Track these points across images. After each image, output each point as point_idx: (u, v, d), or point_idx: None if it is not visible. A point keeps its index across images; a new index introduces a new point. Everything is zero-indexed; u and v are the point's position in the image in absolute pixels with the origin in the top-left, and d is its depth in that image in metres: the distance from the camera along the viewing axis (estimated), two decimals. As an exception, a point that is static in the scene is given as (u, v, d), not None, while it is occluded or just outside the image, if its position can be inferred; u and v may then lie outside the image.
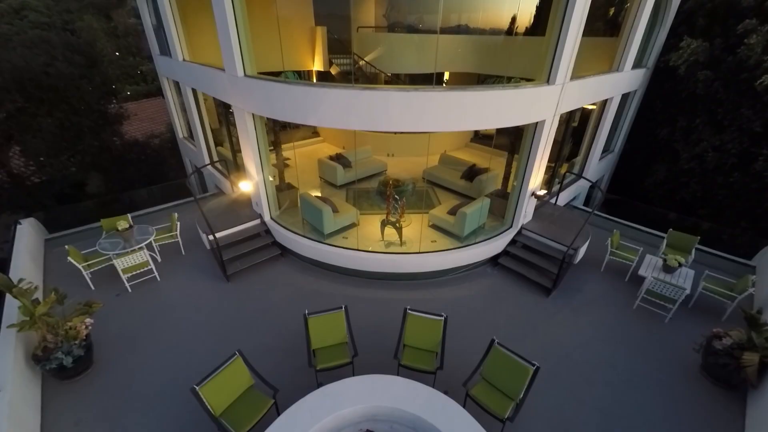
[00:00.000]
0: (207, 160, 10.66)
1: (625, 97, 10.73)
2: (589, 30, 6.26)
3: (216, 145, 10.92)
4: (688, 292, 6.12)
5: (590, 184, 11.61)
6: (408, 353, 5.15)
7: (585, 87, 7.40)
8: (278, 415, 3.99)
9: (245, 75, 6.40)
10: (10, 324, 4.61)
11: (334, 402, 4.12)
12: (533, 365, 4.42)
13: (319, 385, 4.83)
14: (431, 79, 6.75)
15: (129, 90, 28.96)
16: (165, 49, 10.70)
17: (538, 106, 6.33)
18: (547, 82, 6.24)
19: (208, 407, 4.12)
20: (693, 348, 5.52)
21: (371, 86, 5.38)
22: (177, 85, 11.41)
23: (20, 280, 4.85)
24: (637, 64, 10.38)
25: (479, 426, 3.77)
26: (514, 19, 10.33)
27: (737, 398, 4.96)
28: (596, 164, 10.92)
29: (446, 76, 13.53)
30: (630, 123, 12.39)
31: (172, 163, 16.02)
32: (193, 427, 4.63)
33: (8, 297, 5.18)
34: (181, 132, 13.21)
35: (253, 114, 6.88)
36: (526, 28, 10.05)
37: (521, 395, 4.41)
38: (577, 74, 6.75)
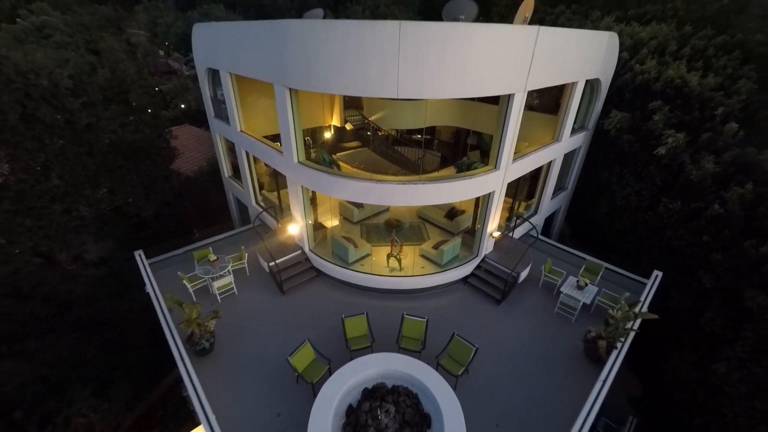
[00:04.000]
0: (253, 201, 14.07)
1: (572, 152, 14.14)
2: (537, 106, 9.55)
3: (260, 187, 14.34)
4: (583, 303, 9.54)
5: (545, 217, 15.07)
6: (404, 341, 8.59)
7: (526, 162, 10.83)
8: (330, 374, 7.42)
9: (299, 162, 9.85)
10: (180, 322, 8.08)
11: (362, 367, 7.54)
12: (475, 346, 7.88)
13: (352, 358, 8.24)
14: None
15: (150, 110, 32.25)
16: (220, 114, 14.12)
17: (489, 183, 9.77)
18: (495, 167, 9.68)
19: (294, 368, 7.58)
20: (581, 339, 8.95)
21: (381, 178, 8.85)
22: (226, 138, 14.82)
23: (173, 296, 8.31)
24: (579, 127, 13.84)
25: (443, 379, 7.19)
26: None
27: (597, 368, 8.39)
28: (549, 202, 14.34)
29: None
30: (580, 166, 15.81)
31: (214, 191, 19.47)
32: (282, 382, 8.06)
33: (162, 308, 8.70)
34: (226, 171, 16.62)
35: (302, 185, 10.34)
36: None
37: (468, 362, 7.87)
38: (527, 138, 10.15)
